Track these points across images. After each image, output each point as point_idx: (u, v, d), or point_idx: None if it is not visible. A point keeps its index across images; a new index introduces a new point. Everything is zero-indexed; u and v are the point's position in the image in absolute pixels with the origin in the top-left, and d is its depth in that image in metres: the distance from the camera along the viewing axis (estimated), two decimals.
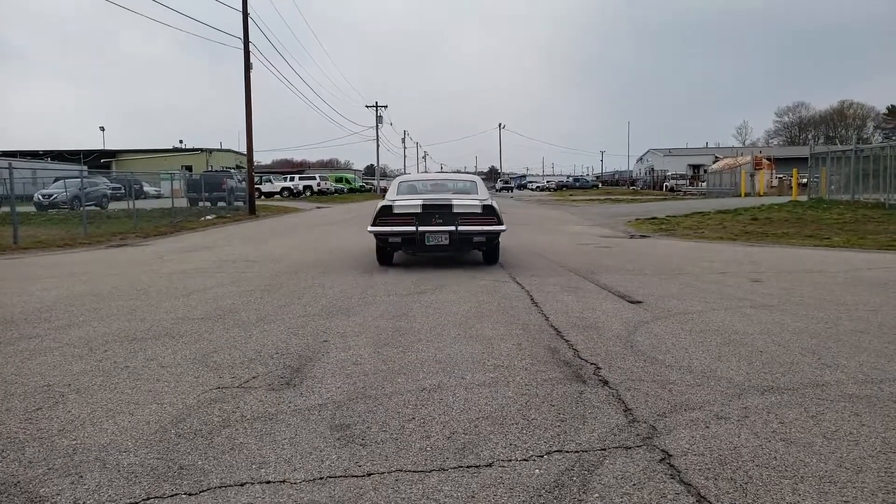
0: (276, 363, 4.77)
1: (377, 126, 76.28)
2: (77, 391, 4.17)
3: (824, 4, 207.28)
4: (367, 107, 77.62)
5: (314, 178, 62.08)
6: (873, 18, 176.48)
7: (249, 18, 28.93)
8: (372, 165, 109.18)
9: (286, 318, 6.41)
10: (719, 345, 5.17)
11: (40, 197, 30.07)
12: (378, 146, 77.76)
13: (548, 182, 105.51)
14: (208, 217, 26.00)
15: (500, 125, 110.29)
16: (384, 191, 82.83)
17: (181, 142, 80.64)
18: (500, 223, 9.81)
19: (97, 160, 69.13)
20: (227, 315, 6.58)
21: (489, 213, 9.75)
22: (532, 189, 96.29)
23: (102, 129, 76.74)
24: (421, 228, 9.53)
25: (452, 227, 9.51)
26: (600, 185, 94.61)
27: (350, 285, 8.40)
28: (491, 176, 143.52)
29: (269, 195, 54.61)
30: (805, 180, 36.98)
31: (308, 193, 57.63)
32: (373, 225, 9.81)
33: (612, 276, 9.05)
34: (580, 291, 7.78)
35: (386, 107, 78.61)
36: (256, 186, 43.12)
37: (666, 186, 68.79)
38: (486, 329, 5.80)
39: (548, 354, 4.92)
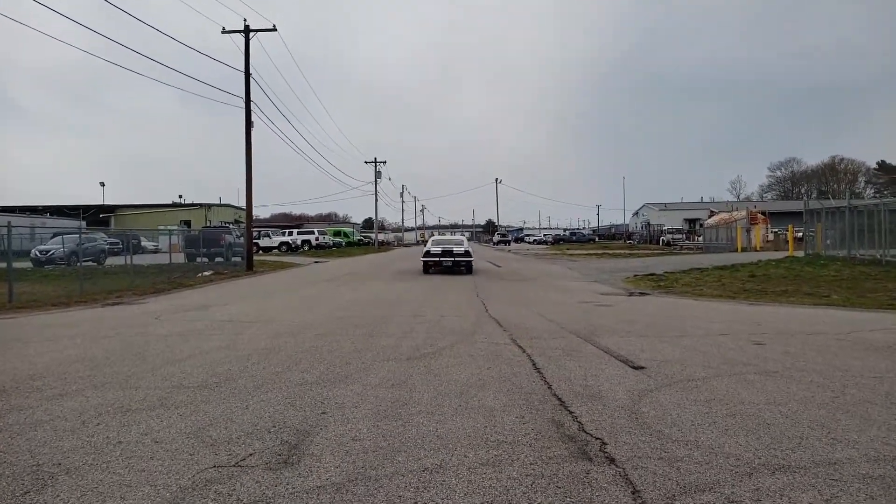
0: (273, 438, 4.65)
1: (376, 181, 77.18)
2: (67, 471, 4.04)
3: (812, 67, 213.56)
4: (366, 162, 78.60)
5: (312, 233, 62.29)
6: (861, 78, 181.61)
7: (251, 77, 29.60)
8: (370, 219, 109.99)
9: (283, 386, 6.29)
10: (725, 416, 5.06)
11: (37, 253, 30.03)
12: (377, 201, 78.55)
13: (545, 236, 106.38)
14: (206, 273, 25.94)
15: (496, 180, 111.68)
16: (382, 244, 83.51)
17: (180, 196, 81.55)
18: (471, 257, 25.17)
19: (96, 215, 69.58)
20: (223, 383, 6.47)
21: (467, 253, 25.02)
22: (530, 243, 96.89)
23: (102, 184, 77.47)
24: (441, 259, 25.03)
25: (453, 259, 24.88)
26: (597, 239, 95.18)
27: (348, 349, 8.29)
28: (488, 229, 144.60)
29: (268, 250, 54.74)
30: (801, 234, 37.22)
31: (306, 248, 57.81)
32: (423, 257, 25.44)
33: (613, 338, 8.97)
34: (582, 356, 7.69)
35: (384, 162, 79.70)
36: (255, 241, 43.29)
37: (663, 241, 69.28)
38: (488, 399, 5.69)
39: (552, 428, 4.81)
